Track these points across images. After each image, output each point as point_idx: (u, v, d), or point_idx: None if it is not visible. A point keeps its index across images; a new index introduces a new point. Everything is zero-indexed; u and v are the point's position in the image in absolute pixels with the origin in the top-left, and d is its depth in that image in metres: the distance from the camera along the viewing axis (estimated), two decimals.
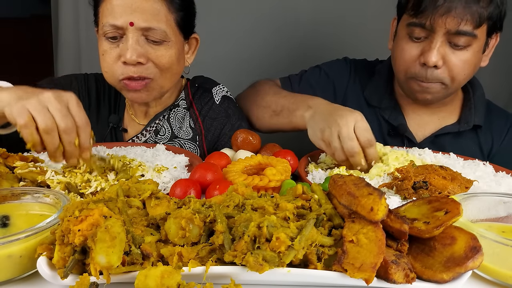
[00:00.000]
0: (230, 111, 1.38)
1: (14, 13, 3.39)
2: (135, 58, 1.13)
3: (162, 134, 1.34)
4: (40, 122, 0.81)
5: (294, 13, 2.21)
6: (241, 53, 2.23)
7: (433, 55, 1.19)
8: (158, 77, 1.20)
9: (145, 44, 1.16)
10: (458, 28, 1.15)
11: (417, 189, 0.89)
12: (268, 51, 2.25)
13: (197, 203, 0.66)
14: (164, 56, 1.18)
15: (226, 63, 2.20)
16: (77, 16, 2.20)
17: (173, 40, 1.20)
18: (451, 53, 1.20)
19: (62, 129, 0.82)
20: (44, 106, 0.82)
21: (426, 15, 1.17)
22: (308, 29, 2.22)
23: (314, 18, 2.21)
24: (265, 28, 2.21)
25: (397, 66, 1.31)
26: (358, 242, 0.58)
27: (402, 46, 1.27)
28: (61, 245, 0.56)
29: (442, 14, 1.15)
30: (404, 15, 1.27)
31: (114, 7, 1.13)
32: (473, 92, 1.39)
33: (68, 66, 2.25)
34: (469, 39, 1.18)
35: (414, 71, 1.25)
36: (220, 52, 2.17)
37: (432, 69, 1.22)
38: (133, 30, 1.13)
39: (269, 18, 2.20)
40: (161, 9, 1.16)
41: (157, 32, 1.15)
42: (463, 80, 1.27)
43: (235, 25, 2.19)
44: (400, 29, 1.30)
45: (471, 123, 1.35)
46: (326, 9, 2.20)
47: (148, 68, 1.17)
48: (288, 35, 2.23)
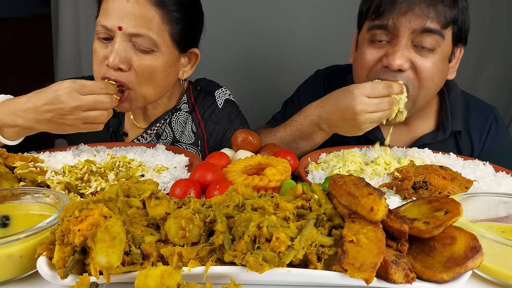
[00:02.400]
0: (233, 116, 1.36)
1: (14, 13, 3.38)
2: (117, 63, 1.10)
3: (163, 138, 1.33)
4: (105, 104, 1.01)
5: (296, 16, 2.21)
6: (243, 55, 2.24)
7: (397, 57, 1.12)
8: (138, 88, 1.16)
9: (131, 51, 1.12)
10: (425, 25, 1.10)
11: (417, 189, 0.89)
12: (270, 54, 2.25)
13: (197, 203, 0.66)
14: (148, 66, 1.14)
15: (229, 65, 2.21)
16: (77, 16, 2.21)
17: (162, 51, 1.16)
18: (417, 56, 1.14)
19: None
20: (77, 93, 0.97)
21: (387, 16, 1.12)
22: (310, 32, 2.23)
23: (314, 22, 2.21)
24: (267, 30, 2.22)
25: (358, 72, 1.24)
26: (358, 242, 0.58)
27: (363, 50, 1.21)
28: (61, 245, 0.56)
29: (405, 12, 1.10)
30: (366, 22, 1.22)
31: (109, 9, 1.12)
32: (448, 94, 1.32)
33: (68, 66, 2.25)
34: (436, 40, 1.12)
35: (376, 70, 1.18)
36: (222, 54, 2.18)
37: (395, 74, 1.14)
38: (121, 35, 1.11)
39: (271, 21, 2.20)
40: (154, 17, 1.13)
41: (145, 39, 1.12)
42: (432, 90, 1.20)
43: (238, 27, 2.20)
44: (361, 37, 1.25)
45: (448, 130, 1.29)
46: (327, 11, 2.20)
47: (128, 76, 1.13)
48: (291, 38, 2.23)
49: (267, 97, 2.24)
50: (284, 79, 2.23)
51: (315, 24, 2.22)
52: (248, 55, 2.24)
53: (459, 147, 1.33)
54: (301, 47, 2.25)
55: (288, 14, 2.21)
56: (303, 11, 2.22)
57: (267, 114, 1.61)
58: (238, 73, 2.24)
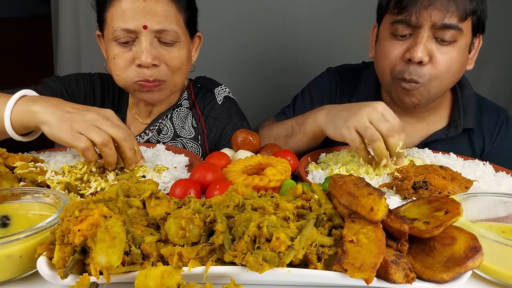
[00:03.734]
0: (232, 111, 1.39)
1: (14, 13, 3.38)
2: (150, 60, 1.15)
3: (164, 133, 1.35)
4: (97, 139, 0.87)
5: (295, 14, 2.21)
6: (242, 53, 2.24)
7: (419, 50, 1.14)
8: (171, 78, 1.23)
9: (158, 46, 1.18)
10: (444, 21, 1.13)
11: (417, 189, 0.89)
12: (269, 52, 2.25)
13: (197, 203, 0.66)
14: (177, 58, 1.21)
15: (228, 64, 2.21)
16: (77, 16, 2.20)
17: (183, 40, 1.22)
18: (437, 49, 1.16)
19: (121, 138, 0.90)
20: (94, 125, 0.88)
21: (410, 10, 1.15)
22: (310, 30, 2.23)
23: (314, 19, 2.21)
24: (266, 28, 2.22)
25: (381, 67, 1.26)
26: (358, 242, 0.58)
27: (385, 46, 1.23)
28: (61, 245, 0.56)
29: (426, 6, 1.13)
30: (386, 16, 1.24)
31: (125, 11, 1.14)
32: (461, 93, 1.35)
33: (68, 66, 2.25)
34: (455, 33, 1.15)
35: (399, 69, 1.20)
36: (221, 53, 2.18)
37: (415, 66, 1.17)
38: (146, 33, 1.14)
39: (271, 18, 2.20)
40: (171, 10, 1.18)
41: (169, 33, 1.17)
42: (449, 81, 1.22)
43: (237, 26, 2.20)
44: (382, 31, 1.26)
45: (460, 127, 1.31)
46: (326, 10, 2.20)
47: (161, 71, 1.20)
48: (290, 35, 2.23)
49: (267, 95, 2.25)
50: (284, 78, 2.24)
51: (316, 23, 2.22)
52: (247, 53, 2.24)
53: (472, 144, 1.35)
54: (302, 46, 2.25)
55: (288, 12, 2.21)
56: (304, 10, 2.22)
57: (267, 112, 1.62)
58: (238, 71, 2.24)
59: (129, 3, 1.14)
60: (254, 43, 2.23)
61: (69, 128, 0.87)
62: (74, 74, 1.41)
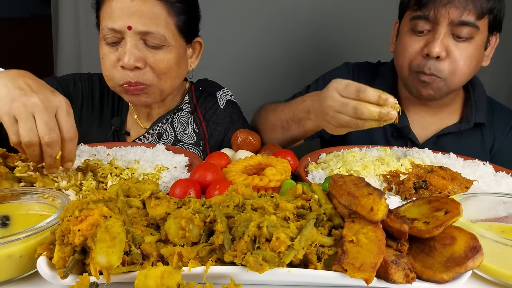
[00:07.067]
0: (234, 116, 1.37)
1: (14, 13, 3.38)
2: (133, 62, 1.12)
3: (165, 138, 1.33)
4: (23, 136, 0.78)
5: (298, 16, 2.21)
6: (245, 56, 2.23)
7: (437, 45, 1.20)
8: (156, 83, 1.19)
9: (144, 48, 1.14)
10: (461, 18, 1.18)
11: (417, 189, 0.89)
12: (272, 54, 2.25)
13: (197, 203, 0.66)
14: (162, 61, 1.16)
15: (230, 66, 2.20)
16: (77, 16, 2.20)
17: (172, 45, 1.18)
18: (454, 45, 1.21)
19: (45, 143, 0.80)
20: (31, 113, 0.79)
21: (429, 7, 1.20)
22: (312, 31, 2.22)
23: (317, 20, 2.21)
24: (269, 31, 2.21)
25: (401, 61, 1.32)
26: (358, 242, 0.58)
27: (405, 40, 1.29)
28: (61, 245, 0.56)
29: (445, 4, 1.18)
30: (407, 12, 1.30)
31: (113, 11, 1.12)
32: (473, 91, 1.40)
33: (68, 66, 2.25)
34: (472, 30, 1.20)
35: (418, 63, 1.26)
36: (223, 55, 2.17)
37: (434, 61, 1.22)
38: (131, 34, 1.11)
39: (274, 20, 2.20)
40: (160, 12, 1.14)
41: (155, 36, 1.13)
42: (465, 76, 1.27)
43: (239, 28, 2.19)
44: (403, 26, 1.32)
45: (472, 122, 1.36)
46: (330, 11, 2.20)
47: (145, 74, 1.16)
48: (293, 37, 2.23)
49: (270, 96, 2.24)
50: (286, 80, 2.23)
51: (319, 23, 2.21)
52: (250, 55, 2.24)
53: (483, 139, 1.39)
54: (305, 48, 2.25)
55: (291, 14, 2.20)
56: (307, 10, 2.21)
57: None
58: (240, 74, 2.23)
59: (118, 2, 1.11)
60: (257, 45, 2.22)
61: (9, 108, 0.79)
62: (72, 75, 1.40)
